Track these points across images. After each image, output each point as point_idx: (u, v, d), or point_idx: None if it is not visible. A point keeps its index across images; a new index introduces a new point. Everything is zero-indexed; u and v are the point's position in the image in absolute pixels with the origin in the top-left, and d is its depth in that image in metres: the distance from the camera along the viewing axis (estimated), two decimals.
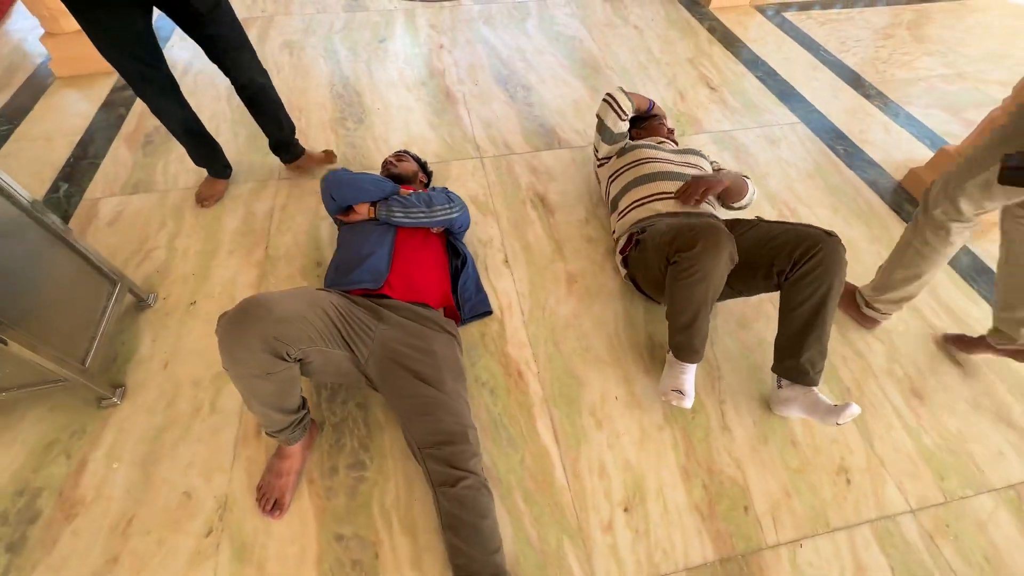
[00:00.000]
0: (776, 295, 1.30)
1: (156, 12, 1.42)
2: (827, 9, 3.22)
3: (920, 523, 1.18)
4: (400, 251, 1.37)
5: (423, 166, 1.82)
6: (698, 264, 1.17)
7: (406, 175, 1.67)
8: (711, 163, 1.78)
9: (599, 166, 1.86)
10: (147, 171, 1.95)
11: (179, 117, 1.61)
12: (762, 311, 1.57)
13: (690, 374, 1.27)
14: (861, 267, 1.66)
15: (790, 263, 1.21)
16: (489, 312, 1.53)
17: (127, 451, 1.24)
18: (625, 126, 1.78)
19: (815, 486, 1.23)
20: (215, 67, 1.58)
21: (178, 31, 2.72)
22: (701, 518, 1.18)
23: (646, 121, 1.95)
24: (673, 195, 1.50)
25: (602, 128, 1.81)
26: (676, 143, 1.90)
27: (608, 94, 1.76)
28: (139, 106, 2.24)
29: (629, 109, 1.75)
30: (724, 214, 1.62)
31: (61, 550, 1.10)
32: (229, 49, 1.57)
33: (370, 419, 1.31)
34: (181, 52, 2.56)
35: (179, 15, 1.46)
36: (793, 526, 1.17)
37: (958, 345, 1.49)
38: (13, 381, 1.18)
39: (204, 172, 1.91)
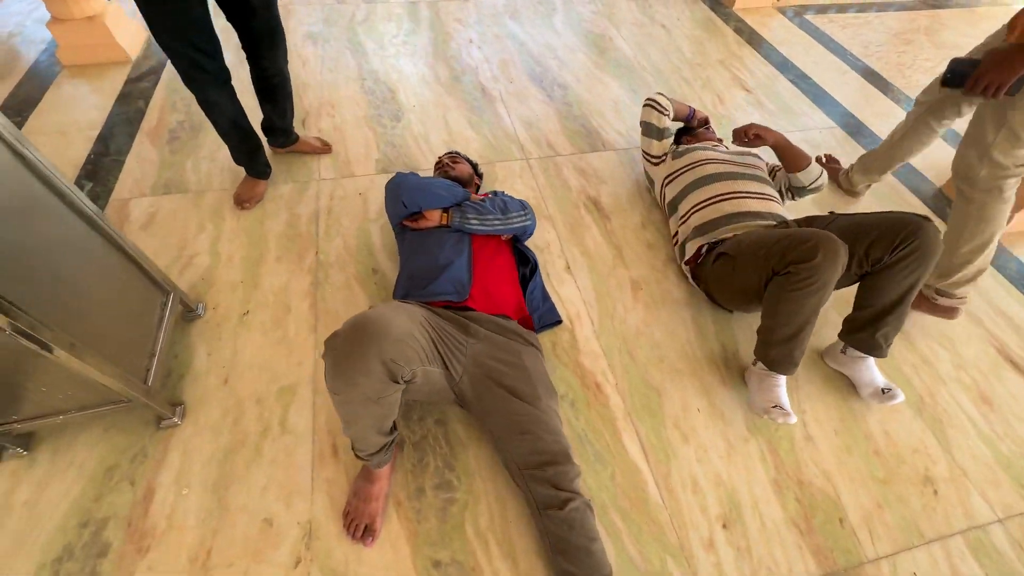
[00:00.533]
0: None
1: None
2: (843, 12, 3.26)
3: (1009, 532, 1.20)
4: (477, 260, 1.32)
5: (475, 168, 1.76)
6: (818, 275, 1.15)
7: (463, 178, 1.61)
8: (767, 164, 1.78)
9: (655, 164, 1.83)
10: (176, 170, 1.83)
11: (230, 112, 1.51)
12: (827, 319, 1.56)
13: (784, 387, 1.26)
14: None
15: (889, 250, 1.22)
16: (559, 321, 1.48)
17: (195, 475, 1.16)
18: (669, 122, 1.82)
19: (904, 497, 1.23)
20: (238, 60, 1.51)
21: None
22: (799, 533, 1.16)
23: (697, 130, 1.94)
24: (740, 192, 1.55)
25: (648, 128, 1.83)
26: (728, 148, 1.88)
27: (647, 98, 1.84)
28: (159, 99, 2.11)
29: (669, 105, 1.82)
30: (790, 213, 1.60)
31: None
32: (268, 41, 1.51)
33: (450, 436, 1.26)
34: None
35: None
36: (889, 539, 1.17)
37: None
38: (73, 403, 1.09)
39: (238, 172, 1.81)
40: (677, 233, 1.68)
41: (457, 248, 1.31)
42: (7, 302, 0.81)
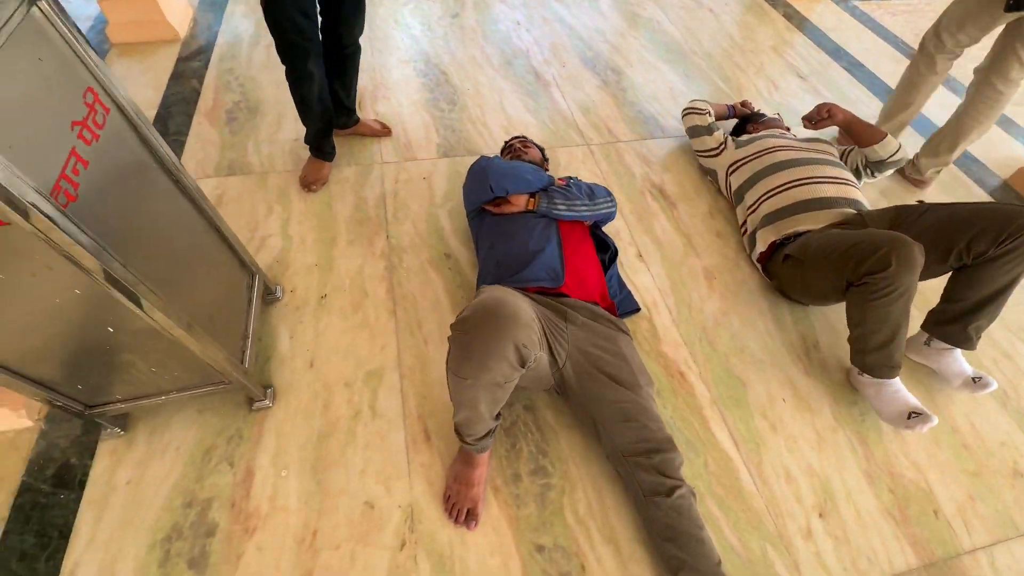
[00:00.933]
0: None
1: None
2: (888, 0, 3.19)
3: None
4: (566, 246, 1.30)
5: (542, 152, 1.73)
6: (896, 282, 1.13)
7: (535, 163, 1.59)
8: (838, 149, 1.75)
9: (715, 156, 1.82)
10: (238, 151, 1.81)
11: (319, 86, 1.49)
12: None
13: (903, 388, 1.23)
14: None
15: (995, 243, 1.18)
16: (637, 309, 1.47)
17: (292, 458, 1.16)
18: (712, 119, 1.86)
19: (995, 489, 1.23)
20: None
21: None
22: (895, 523, 1.16)
23: (763, 117, 1.91)
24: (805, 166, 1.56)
25: (696, 130, 1.87)
26: (796, 136, 1.86)
27: (684, 108, 1.92)
28: (211, 79, 2.08)
29: (707, 106, 1.88)
30: (867, 201, 1.57)
31: (249, 566, 1.02)
32: (352, 7, 1.47)
33: (540, 422, 1.25)
34: (244, 21, 2.37)
35: None
36: (984, 530, 1.17)
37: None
38: (176, 384, 1.09)
39: (299, 154, 1.79)
40: (746, 223, 1.66)
41: (546, 234, 1.29)
42: (101, 246, 0.74)
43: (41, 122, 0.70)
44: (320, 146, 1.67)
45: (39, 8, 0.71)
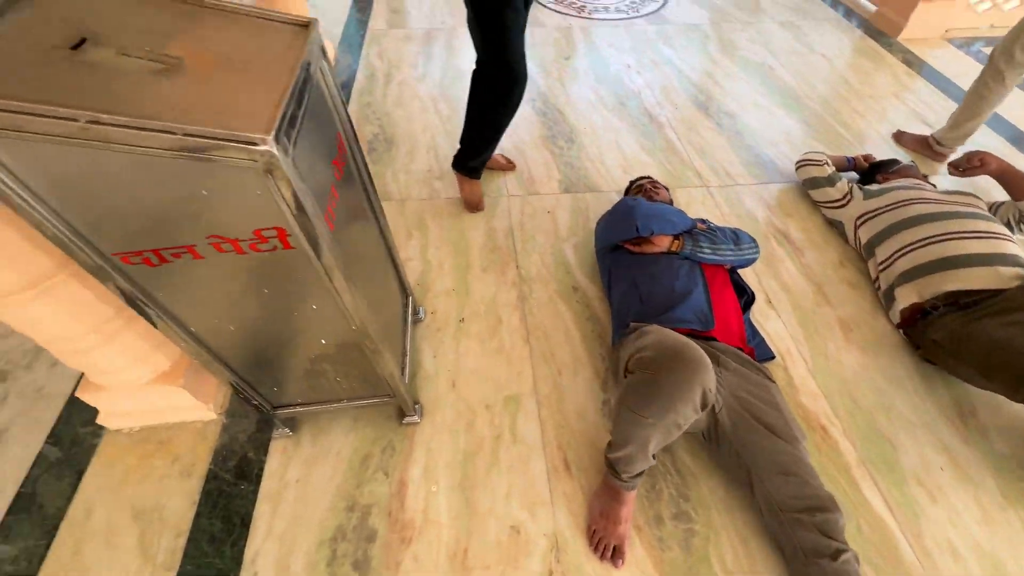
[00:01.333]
0: None
1: None
2: None
3: None
4: (711, 290, 1.31)
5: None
6: None
7: (665, 204, 1.62)
8: (988, 204, 1.66)
9: (839, 207, 1.78)
10: (378, 179, 1.97)
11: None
12: None
13: None
14: None
15: None
16: (772, 357, 1.44)
17: (441, 474, 1.22)
18: (831, 169, 1.83)
19: None
20: (415, 78, 1.55)
21: (374, 30, 2.80)
22: None
23: (894, 166, 1.86)
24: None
25: (815, 182, 1.85)
26: (936, 186, 1.79)
27: (797, 161, 1.94)
28: (352, 112, 2.28)
29: (822, 157, 1.87)
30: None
31: (406, 574, 1.07)
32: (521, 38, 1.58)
33: (679, 465, 1.25)
34: (378, 60, 2.61)
35: None
36: None
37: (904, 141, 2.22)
38: (349, 393, 1.18)
39: (432, 184, 1.92)
40: (878, 279, 1.61)
41: (692, 277, 1.31)
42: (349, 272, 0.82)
43: (320, 162, 0.81)
44: (479, 167, 1.77)
45: (320, 68, 0.84)
